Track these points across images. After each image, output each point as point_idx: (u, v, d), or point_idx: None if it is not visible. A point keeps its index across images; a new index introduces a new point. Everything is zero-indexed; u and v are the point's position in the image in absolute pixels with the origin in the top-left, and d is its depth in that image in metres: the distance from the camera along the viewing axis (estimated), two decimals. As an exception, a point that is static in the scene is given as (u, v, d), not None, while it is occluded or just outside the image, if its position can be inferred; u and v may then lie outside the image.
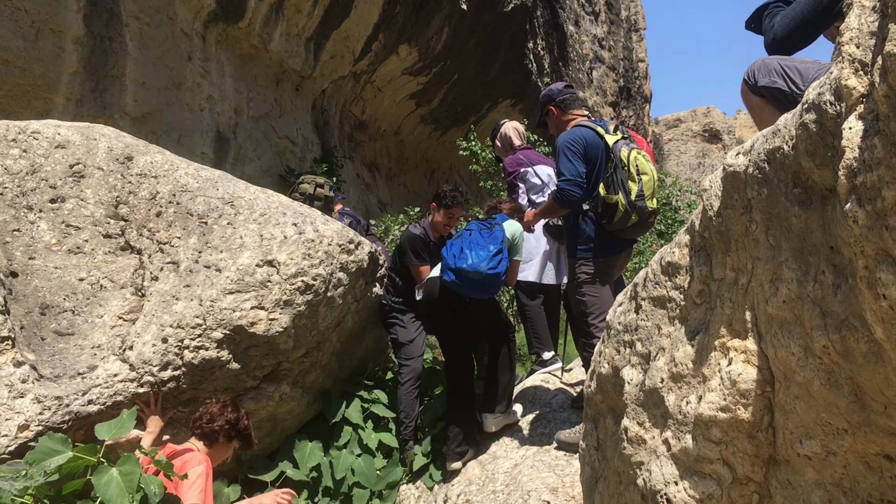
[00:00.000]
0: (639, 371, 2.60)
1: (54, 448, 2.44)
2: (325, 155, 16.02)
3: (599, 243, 4.43)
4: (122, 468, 2.42)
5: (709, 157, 58.47)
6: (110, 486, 2.35)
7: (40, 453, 2.41)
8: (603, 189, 4.33)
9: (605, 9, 35.63)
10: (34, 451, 2.43)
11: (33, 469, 2.36)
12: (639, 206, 4.25)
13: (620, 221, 4.30)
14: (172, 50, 10.77)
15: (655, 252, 13.14)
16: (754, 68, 2.97)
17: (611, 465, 2.78)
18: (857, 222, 1.42)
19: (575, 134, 4.44)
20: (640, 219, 4.29)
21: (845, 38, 1.51)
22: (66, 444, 2.47)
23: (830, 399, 1.71)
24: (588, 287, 4.44)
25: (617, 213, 4.28)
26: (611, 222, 4.33)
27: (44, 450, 2.42)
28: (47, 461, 2.39)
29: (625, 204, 4.25)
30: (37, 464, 2.38)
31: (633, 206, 4.24)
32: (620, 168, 4.28)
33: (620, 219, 4.28)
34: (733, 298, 2.09)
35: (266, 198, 4.75)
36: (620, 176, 4.27)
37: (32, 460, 2.40)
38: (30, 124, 4.70)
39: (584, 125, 4.50)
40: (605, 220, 4.35)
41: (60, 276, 4.23)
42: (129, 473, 2.40)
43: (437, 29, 17.75)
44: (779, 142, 1.81)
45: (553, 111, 4.80)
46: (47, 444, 2.44)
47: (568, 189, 4.31)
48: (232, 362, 4.18)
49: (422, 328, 5.31)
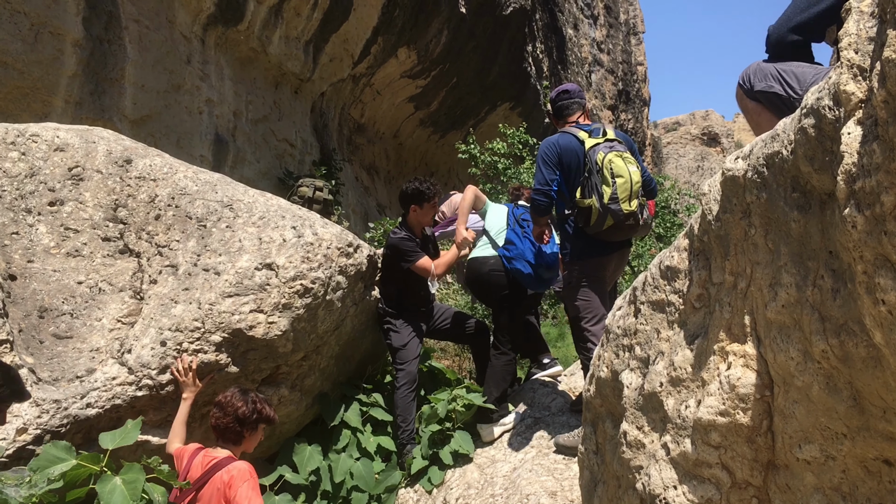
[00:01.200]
0: (638, 375, 2.60)
1: (58, 455, 2.44)
2: (324, 158, 16.03)
3: (580, 246, 4.49)
4: (125, 476, 2.42)
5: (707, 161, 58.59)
6: (114, 494, 2.35)
7: (44, 460, 2.41)
8: (578, 193, 4.37)
9: (604, 12, 35.69)
10: (38, 458, 2.44)
11: (37, 476, 2.36)
12: (612, 209, 4.25)
13: (596, 224, 4.33)
14: (171, 53, 10.78)
15: (654, 255, 13.15)
16: (749, 72, 2.98)
17: (610, 469, 2.78)
18: (856, 227, 1.42)
19: (551, 141, 4.52)
20: (616, 221, 4.28)
21: (844, 43, 1.51)
22: (69, 452, 2.48)
23: (829, 403, 1.71)
24: (579, 291, 4.48)
25: (591, 216, 4.32)
26: (588, 225, 4.37)
27: (48, 457, 2.42)
28: (51, 468, 2.39)
29: (598, 207, 4.27)
30: (41, 471, 2.38)
31: (607, 209, 4.25)
32: (595, 172, 4.30)
33: (596, 222, 4.32)
34: (732, 303, 2.09)
35: (265, 201, 4.75)
36: (595, 180, 4.30)
37: (36, 467, 2.40)
38: (29, 127, 4.70)
39: (566, 131, 4.55)
40: (583, 224, 4.41)
41: (59, 279, 4.23)
42: (132, 481, 2.40)
43: (436, 32, 17.78)
44: (778, 146, 1.81)
45: (553, 120, 4.86)
46: (51, 451, 2.45)
47: (535, 198, 4.51)
48: (230, 366, 4.18)
49: (415, 333, 5.30)
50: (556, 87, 5.01)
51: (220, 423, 3.54)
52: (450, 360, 9.95)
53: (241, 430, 3.55)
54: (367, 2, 14.93)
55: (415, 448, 5.02)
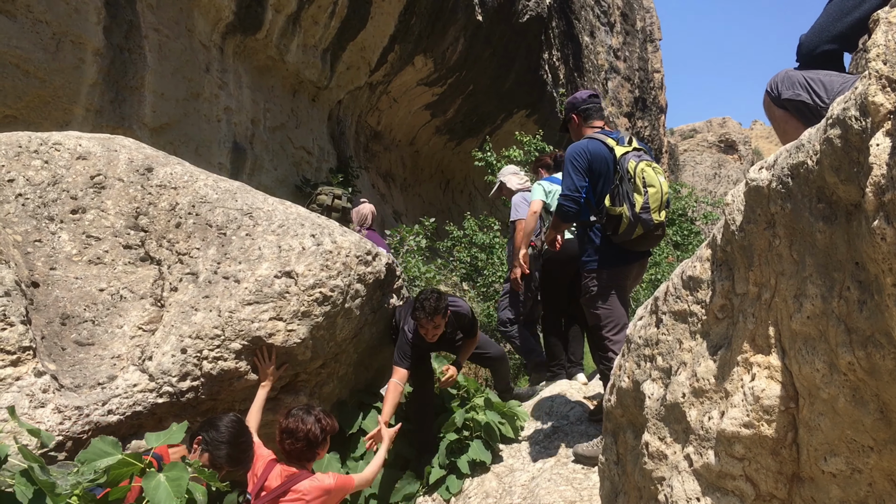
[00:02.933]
0: (660, 385, 2.59)
1: (105, 450, 2.48)
2: (341, 165, 16.08)
3: (606, 255, 4.44)
4: (169, 473, 2.46)
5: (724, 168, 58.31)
6: (158, 489, 2.39)
7: (92, 453, 2.45)
8: (608, 200, 4.34)
9: (621, 20, 35.64)
10: (86, 451, 2.48)
11: (85, 467, 2.41)
12: (643, 219, 4.24)
13: (625, 233, 4.30)
14: (191, 61, 10.86)
15: (671, 263, 13.11)
16: (777, 80, 2.96)
17: (631, 479, 2.77)
18: (886, 240, 1.41)
19: (581, 147, 4.46)
20: (646, 231, 4.28)
21: (872, 54, 1.51)
22: (116, 447, 2.52)
23: (855, 416, 1.69)
24: (600, 300, 4.43)
25: (621, 224, 4.28)
26: (616, 234, 4.34)
27: (95, 450, 2.46)
28: (99, 461, 2.43)
29: (629, 216, 4.25)
30: (88, 462, 2.42)
31: (638, 218, 4.24)
32: (627, 180, 4.28)
33: (625, 230, 4.29)
34: (756, 314, 2.08)
35: (284, 209, 4.77)
36: (626, 188, 4.28)
37: (84, 459, 2.45)
38: (51, 135, 4.75)
39: (594, 137, 4.50)
40: (611, 232, 4.36)
41: (81, 286, 4.26)
42: (176, 479, 2.45)
43: (453, 40, 17.80)
44: (802, 157, 1.80)
45: (575, 119, 4.78)
46: (99, 445, 2.49)
47: (564, 204, 4.40)
48: (250, 373, 4.20)
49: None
50: (577, 92, 4.95)
51: (293, 448, 3.65)
52: (467, 367, 9.94)
53: (315, 450, 3.69)
54: (384, 10, 14.98)
55: (433, 457, 5.02)
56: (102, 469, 2.41)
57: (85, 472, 2.38)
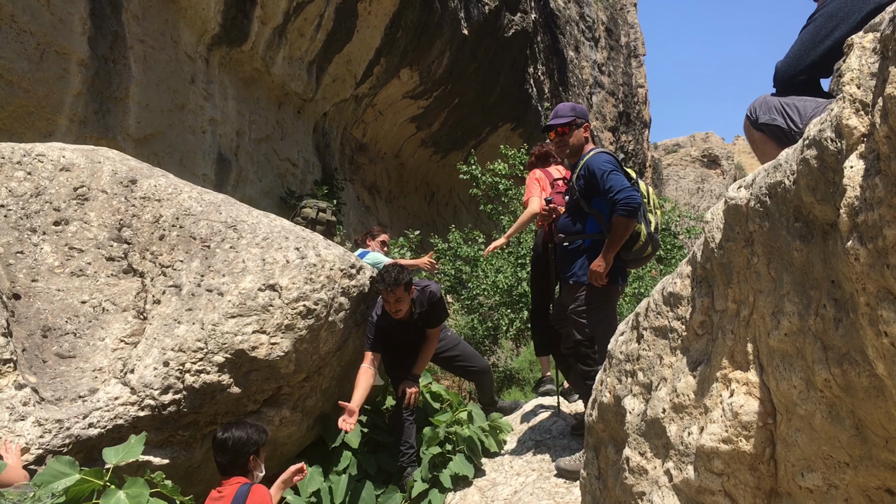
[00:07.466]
0: (640, 401, 2.61)
1: (62, 470, 2.45)
2: (326, 177, 16.07)
3: (614, 270, 4.36)
4: (129, 490, 2.43)
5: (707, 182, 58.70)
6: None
7: (48, 475, 2.42)
8: None
9: (605, 35, 35.89)
10: (42, 473, 2.44)
11: (41, 491, 2.37)
12: (655, 239, 4.36)
13: (638, 250, 4.35)
14: (176, 72, 10.83)
15: (654, 277, 13.18)
16: (756, 105, 3.03)
17: (612, 494, 2.78)
18: (859, 260, 1.44)
19: (611, 156, 4.42)
20: (653, 250, 4.40)
21: (846, 77, 1.54)
22: (73, 467, 2.49)
23: (832, 432, 1.72)
24: (600, 314, 4.41)
25: (638, 242, 4.32)
26: (629, 250, 4.34)
27: (51, 472, 2.43)
28: (55, 483, 2.40)
29: (646, 234, 4.31)
30: (45, 486, 2.39)
31: (652, 237, 4.31)
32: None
33: (639, 248, 4.33)
34: (735, 330, 2.11)
35: (269, 222, 4.77)
36: (644, 207, 4.31)
37: (40, 482, 2.41)
38: (35, 147, 4.73)
39: (607, 152, 4.47)
40: (624, 248, 4.32)
41: (63, 298, 4.24)
42: (136, 496, 2.42)
43: (439, 53, 17.88)
44: (780, 176, 1.83)
45: (587, 126, 4.62)
46: (55, 466, 2.46)
47: (631, 195, 4.16)
48: (233, 386, 4.18)
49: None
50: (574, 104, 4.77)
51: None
52: (450, 380, 9.94)
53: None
54: (371, 23, 15.03)
55: (415, 471, 5.01)
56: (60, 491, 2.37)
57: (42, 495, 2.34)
